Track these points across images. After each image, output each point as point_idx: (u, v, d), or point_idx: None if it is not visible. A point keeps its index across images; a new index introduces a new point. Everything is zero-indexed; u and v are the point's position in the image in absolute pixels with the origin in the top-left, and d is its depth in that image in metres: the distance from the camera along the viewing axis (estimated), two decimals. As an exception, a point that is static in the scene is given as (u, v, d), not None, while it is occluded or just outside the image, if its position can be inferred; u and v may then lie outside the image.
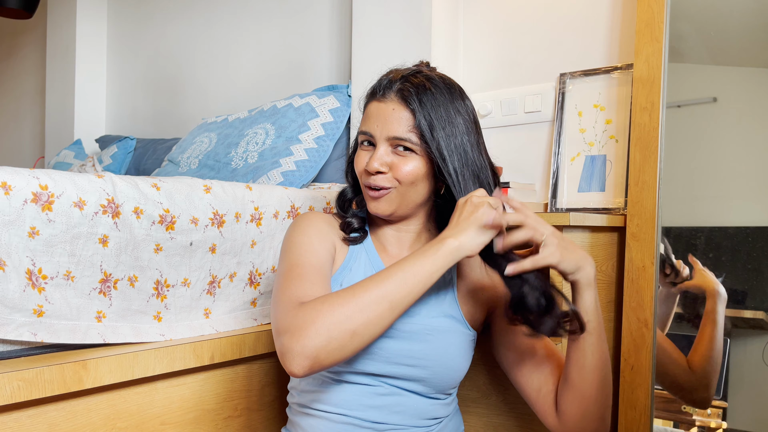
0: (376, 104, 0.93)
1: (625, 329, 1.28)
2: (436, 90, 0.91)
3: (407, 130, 0.90)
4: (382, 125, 0.91)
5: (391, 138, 0.91)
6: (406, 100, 0.90)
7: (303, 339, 0.74)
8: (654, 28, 1.32)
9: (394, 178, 0.92)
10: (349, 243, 0.98)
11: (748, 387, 1.31)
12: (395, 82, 0.92)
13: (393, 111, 0.90)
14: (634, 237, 1.28)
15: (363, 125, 0.95)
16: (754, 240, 1.31)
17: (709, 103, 1.39)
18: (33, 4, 2.72)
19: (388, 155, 0.92)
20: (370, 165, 0.91)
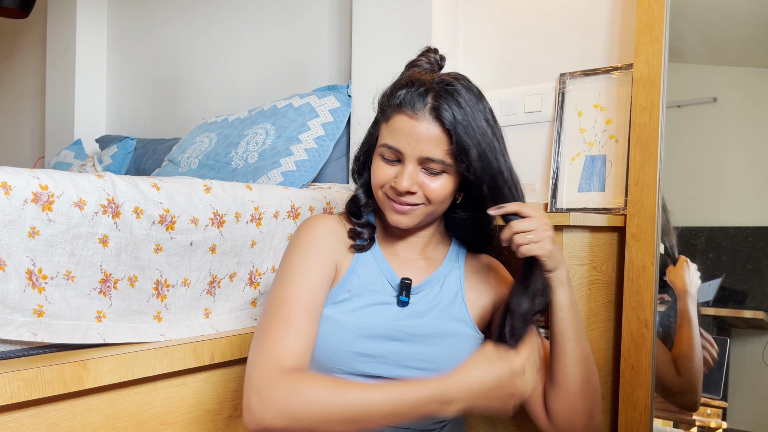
0: (408, 120, 0.87)
1: (625, 329, 1.28)
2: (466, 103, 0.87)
3: (443, 152, 0.87)
4: (414, 144, 0.87)
5: (424, 159, 0.87)
6: (441, 119, 0.85)
7: (267, 411, 0.78)
8: (654, 28, 1.32)
9: (425, 197, 0.90)
10: (356, 251, 0.97)
11: (748, 387, 1.31)
12: (426, 95, 0.87)
13: (427, 131, 0.86)
14: (634, 237, 1.28)
15: (389, 138, 0.89)
16: (754, 240, 1.31)
17: (709, 103, 1.39)
18: (29, 4, 2.72)
19: (417, 173, 0.89)
20: (400, 184, 0.88)
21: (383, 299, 0.94)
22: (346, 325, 0.90)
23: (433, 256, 1.00)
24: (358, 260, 0.96)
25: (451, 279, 0.99)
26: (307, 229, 0.96)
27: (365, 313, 0.92)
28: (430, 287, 0.97)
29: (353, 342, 0.89)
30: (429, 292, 0.96)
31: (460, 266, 1.01)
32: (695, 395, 1.30)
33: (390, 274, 0.96)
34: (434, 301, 0.95)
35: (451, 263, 1.00)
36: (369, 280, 0.95)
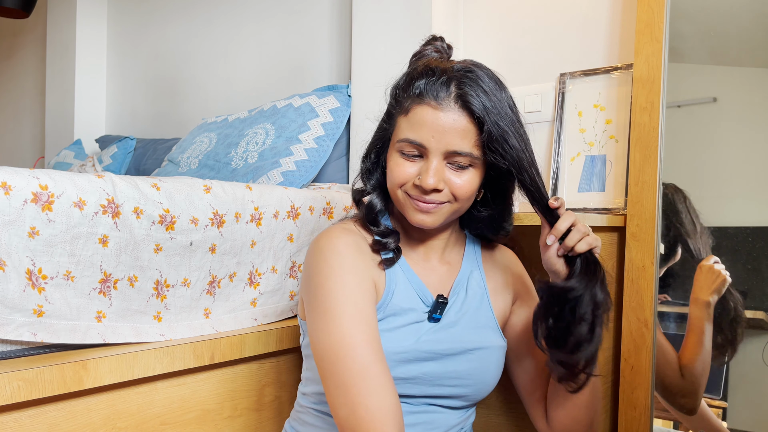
0: (431, 111, 0.80)
1: (625, 329, 1.28)
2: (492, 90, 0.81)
3: (471, 144, 0.80)
4: (440, 137, 0.80)
5: (451, 152, 0.80)
6: (470, 107, 0.79)
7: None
8: (654, 28, 1.32)
9: (451, 194, 0.83)
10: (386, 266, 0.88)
11: (748, 387, 1.31)
12: (449, 83, 0.80)
13: (454, 122, 0.79)
14: (634, 237, 1.28)
15: (410, 132, 0.82)
16: (754, 240, 1.31)
17: (709, 103, 1.39)
18: (30, 4, 2.72)
19: (443, 169, 0.82)
20: (425, 182, 0.80)
21: (416, 317, 0.88)
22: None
23: (451, 259, 0.96)
24: (390, 278, 0.88)
25: (473, 282, 0.95)
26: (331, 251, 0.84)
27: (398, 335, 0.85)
28: (456, 294, 0.92)
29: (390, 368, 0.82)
30: (456, 300, 0.92)
31: (479, 266, 0.97)
32: (696, 400, 1.29)
33: (422, 290, 0.90)
34: (462, 309, 0.92)
35: (470, 264, 0.96)
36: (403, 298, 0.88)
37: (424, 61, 0.87)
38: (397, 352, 0.84)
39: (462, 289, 0.94)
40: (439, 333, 0.89)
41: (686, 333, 1.30)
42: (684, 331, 1.33)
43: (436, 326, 0.89)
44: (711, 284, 1.29)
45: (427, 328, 0.88)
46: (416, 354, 0.86)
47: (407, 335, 0.86)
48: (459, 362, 0.88)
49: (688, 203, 1.32)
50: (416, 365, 0.86)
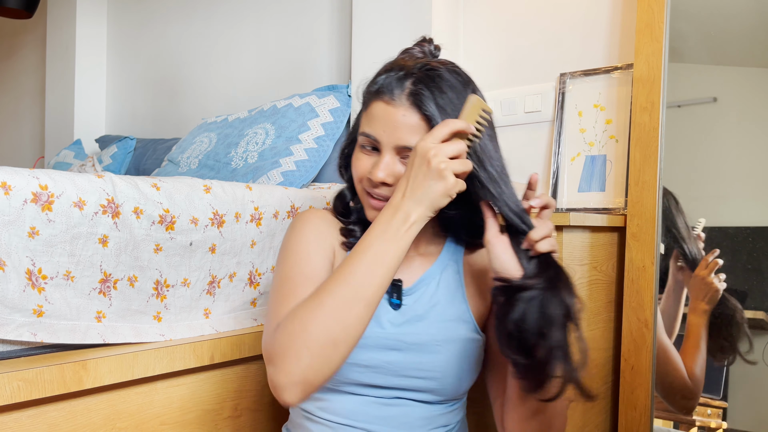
0: (384, 106, 0.82)
1: (625, 329, 1.28)
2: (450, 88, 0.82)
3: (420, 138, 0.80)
4: (391, 131, 0.82)
5: (401, 147, 0.82)
6: (420, 104, 0.80)
7: (285, 367, 0.71)
8: (654, 28, 1.32)
9: None
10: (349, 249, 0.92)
11: (748, 387, 1.31)
12: (405, 80, 0.82)
13: (403, 117, 0.81)
14: (634, 237, 1.28)
15: (366, 126, 0.85)
16: (754, 240, 1.31)
17: (709, 103, 1.39)
18: (33, 4, 2.72)
19: (394, 164, 0.83)
20: (375, 174, 0.83)
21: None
22: None
23: (427, 254, 0.96)
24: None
25: (448, 275, 0.94)
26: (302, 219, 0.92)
27: None
28: (425, 285, 0.92)
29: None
30: (425, 291, 0.92)
31: (458, 261, 0.96)
32: (696, 401, 1.31)
33: None
34: (432, 301, 0.91)
35: (447, 259, 0.96)
36: None
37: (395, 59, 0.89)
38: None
39: (433, 281, 0.93)
40: (406, 324, 0.88)
41: (685, 338, 1.31)
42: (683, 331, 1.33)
43: (402, 315, 0.89)
44: (705, 295, 1.31)
45: (392, 316, 0.89)
46: (378, 341, 0.86)
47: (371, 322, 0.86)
48: (425, 354, 0.87)
49: (680, 207, 1.33)
50: (379, 353, 0.86)
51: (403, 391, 0.88)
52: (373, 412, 0.87)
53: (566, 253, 1.13)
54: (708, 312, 1.30)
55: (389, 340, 0.87)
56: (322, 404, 0.89)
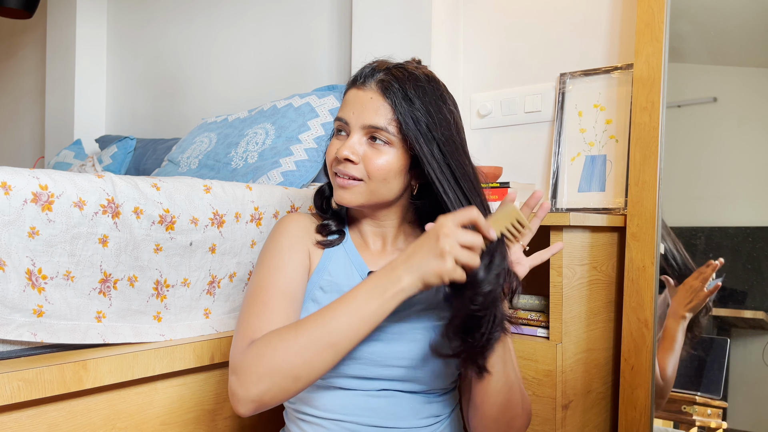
0: (355, 91, 0.89)
1: (625, 329, 1.28)
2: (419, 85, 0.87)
3: (386, 120, 0.86)
4: (359, 112, 0.87)
5: (367, 126, 0.87)
6: (386, 90, 0.86)
7: (246, 383, 0.76)
8: (654, 28, 1.32)
9: (366, 171, 0.88)
10: (324, 247, 0.95)
11: (748, 387, 1.31)
12: (378, 71, 0.89)
13: (371, 100, 0.87)
14: (634, 237, 1.28)
15: (339, 112, 0.91)
16: (754, 240, 1.31)
17: (709, 103, 1.39)
18: (33, 4, 2.72)
19: (361, 145, 0.88)
20: (340, 152, 0.88)
21: None
22: None
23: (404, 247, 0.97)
24: (328, 256, 0.95)
25: None
26: (279, 226, 0.96)
27: None
28: None
29: None
30: None
31: None
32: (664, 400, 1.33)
33: (360, 267, 0.94)
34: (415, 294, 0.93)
35: None
36: (340, 274, 0.93)
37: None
38: None
39: None
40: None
41: (660, 339, 1.32)
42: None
43: None
44: (688, 303, 1.32)
45: None
46: None
47: None
48: (404, 343, 0.88)
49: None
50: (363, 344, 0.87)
51: (389, 382, 0.89)
52: (362, 405, 0.88)
53: (566, 253, 1.13)
54: (687, 319, 1.31)
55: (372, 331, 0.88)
56: (311, 402, 0.90)
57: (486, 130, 1.69)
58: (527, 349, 1.12)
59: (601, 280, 1.27)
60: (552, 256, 1.12)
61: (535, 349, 1.12)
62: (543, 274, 1.15)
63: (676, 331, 1.32)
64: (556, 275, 1.12)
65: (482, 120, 1.69)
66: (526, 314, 1.19)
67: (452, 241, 0.74)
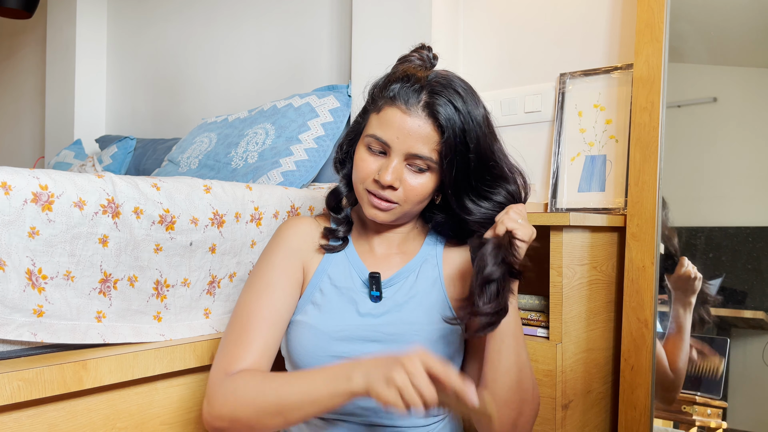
0: (400, 114, 0.86)
1: (625, 329, 1.28)
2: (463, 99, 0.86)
3: (430, 149, 0.86)
4: (404, 139, 0.85)
5: (412, 155, 0.86)
6: (436, 116, 0.84)
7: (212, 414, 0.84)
8: (654, 28, 1.32)
9: (403, 195, 0.89)
10: (327, 251, 0.96)
11: (748, 387, 1.31)
12: (420, 91, 0.86)
13: (419, 128, 0.85)
14: (634, 237, 1.28)
15: (378, 129, 0.88)
16: (754, 240, 1.31)
17: (709, 103, 1.39)
18: (33, 4, 2.72)
19: (401, 169, 0.88)
20: (383, 177, 0.86)
21: (357, 297, 0.93)
22: (322, 329, 0.90)
23: (408, 250, 0.99)
24: (329, 259, 0.96)
25: (428, 267, 0.97)
26: (276, 234, 0.98)
27: (340, 314, 0.92)
28: (404, 278, 0.95)
29: (329, 345, 0.89)
30: (404, 284, 0.95)
31: (438, 254, 0.99)
32: (678, 392, 1.33)
33: (361, 270, 0.95)
34: (411, 292, 0.94)
35: (427, 252, 0.99)
36: (340, 277, 0.94)
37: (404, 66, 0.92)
38: (338, 329, 0.90)
39: (412, 273, 0.96)
40: (386, 314, 0.92)
41: (669, 332, 1.32)
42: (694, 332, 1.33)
43: (381, 307, 0.92)
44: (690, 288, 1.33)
45: (370, 308, 0.92)
46: (358, 332, 0.90)
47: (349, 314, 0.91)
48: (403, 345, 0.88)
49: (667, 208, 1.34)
50: (359, 344, 0.89)
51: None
52: (361, 404, 0.88)
53: (566, 253, 1.13)
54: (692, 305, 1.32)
55: (369, 331, 0.90)
56: None
57: (486, 130, 1.69)
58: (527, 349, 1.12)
59: (601, 280, 1.27)
60: (552, 257, 1.12)
61: (535, 349, 1.12)
62: (543, 274, 1.15)
63: (685, 320, 1.32)
64: (556, 275, 1.12)
65: (482, 120, 1.69)
66: (526, 314, 1.19)
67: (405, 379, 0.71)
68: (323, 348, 0.90)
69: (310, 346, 0.90)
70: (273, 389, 0.81)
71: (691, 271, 1.33)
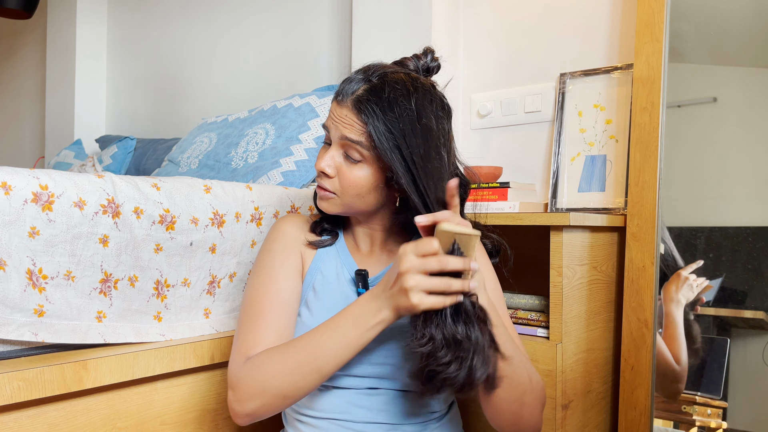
0: (335, 105, 0.90)
1: (625, 329, 1.28)
2: (395, 99, 0.85)
3: (359, 134, 0.86)
4: (336, 125, 0.89)
5: (343, 138, 0.88)
6: (360, 109, 0.86)
7: (241, 400, 0.84)
8: (654, 28, 1.32)
9: (339, 186, 0.89)
10: (317, 247, 0.98)
11: (748, 387, 1.31)
12: (357, 84, 0.88)
13: (346, 116, 0.88)
14: (634, 237, 1.28)
15: (326, 120, 0.93)
16: (754, 240, 1.31)
17: (709, 103, 1.39)
18: (32, 4, 2.72)
19: (339, 157, 0.89)
20: (318, 164, 0.90)
21: (349, 293, 0.94)
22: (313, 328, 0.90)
23: (394, 249, 0.99)
24: (321, 257, 0.97)
25: None
26: (273, 228, 1.00)
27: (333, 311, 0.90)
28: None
29: None
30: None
31: None
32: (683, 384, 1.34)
33: (350, 266, 0.96)
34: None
35: None
36: (332, 274, 0.95)
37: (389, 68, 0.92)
38: None
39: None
40: None
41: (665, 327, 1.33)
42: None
43: None
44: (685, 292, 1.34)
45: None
46: None
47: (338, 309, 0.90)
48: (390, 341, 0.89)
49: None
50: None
51: (379, 380, 0.89)
52: (356, 403, 0.89)
53: (566, 253, 1.13)
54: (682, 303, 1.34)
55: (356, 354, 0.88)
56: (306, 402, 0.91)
57: (486, 130, 1.69)
58: (527, 349, 1.13)
59: (601, 280, 1.27)
60: (552, 257, 1.12)
61: (535, 349, 1.12)
62: (543, 274, 1.16)
63: (676, 315, 1.33)
64: (556, 275, 1.12)
65: (482, 120, 1.69)
66: (526, 314, 1.19)
67: (413, 276, 0.74)
68: None
69: None
70: (300, 348, 0.81)
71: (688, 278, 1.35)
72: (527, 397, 0.86)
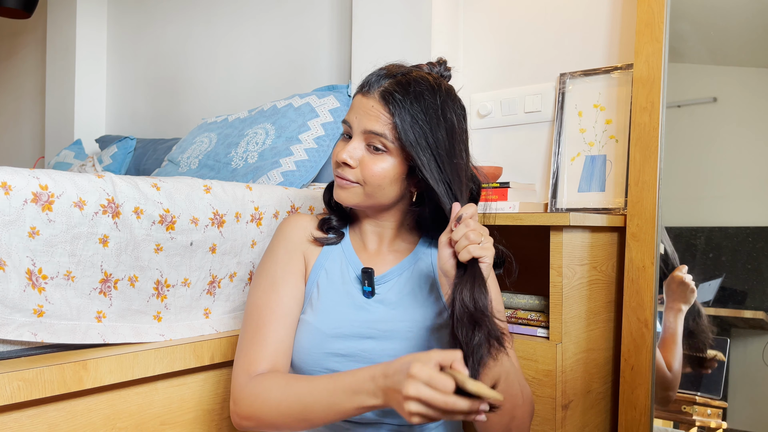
0: (360, 97, 0.92)
1: (625, 329, 1.28)
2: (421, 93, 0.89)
3: (384, 128, 0.88)
4: (360, 118, 0.90)
5: (367, 132, 0.89)
6: (387, 100, 0.88)
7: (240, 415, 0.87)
8: (654, 28, 1.32)
9: (362, 176, 0.91)
10: (322, 244, 0.99)
11: (748, 387, 1.31)
12: (384, 79, 0.91)
13: (372, 107, 0.89)
14: (634, 237, 1.28)
15: (346, 115, 0.94)
16: (754, 240, 1.31)
17: (709, 103, 1.39)
18: (32, 4, 2.72)
19: (360, 149, 0.91)
20: (339, 155, 0.91)
21: (353, 292, 0.95)
22: (318, 326, 0.92)
23: (401, 248, 1.00)
24: (326, 254, 0.98)
25: (421, 267, 0.98)
26: (278, 230, 1.01)
27: (336, 310, 0.93)
28: (397, 275, 0.96)
29: (326, 342, 0.91)
30: (397, 281, 0.96)
31: (432, 255, 0.99)
32: (674, 392, 1.34)
33: (355, 265, 0.97)
34: (404, 290, 0.95)
35: (420, 253, 0.99)
36: (336, 272, 0.96)
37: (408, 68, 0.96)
38: (334, 326, 0.91)
39: (406, 272, 0.97)
40: (380, 313, 0.93)
41: (662, 334, 1.33)
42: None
43: (376, 304, 0.93)
44: (682, 296, 1.34)
45: (365, 304, 0.94)
46: (353, 329, 0.91)
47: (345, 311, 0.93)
48: (397, 341, 0.90)
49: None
50: (354, 341, 0.90)
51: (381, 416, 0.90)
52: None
53: (566, 253, 1.13)
54: (683, 311, 1.33)
55: (363, 328, 0.91)
56: None
57: (486, 130, 1.69)
58: (527, 349, 1.13)
59: (601, 280, 1.27)
60: (552, 257, 1.12)
61: (535, 349, 1.12)
62: (543, 274, 1.16)
63: (676, 325, 1.33)
64: (556, 275, 1.12)
65: (482, 120, 1.69)
66: (526, 314, 1.19)
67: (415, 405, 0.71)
68: (319, 346, 0.91)
69: (307, 344, 0.92)
70: (296, 396, 0.83)
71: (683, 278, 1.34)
72: (517, 411, 0.87)
